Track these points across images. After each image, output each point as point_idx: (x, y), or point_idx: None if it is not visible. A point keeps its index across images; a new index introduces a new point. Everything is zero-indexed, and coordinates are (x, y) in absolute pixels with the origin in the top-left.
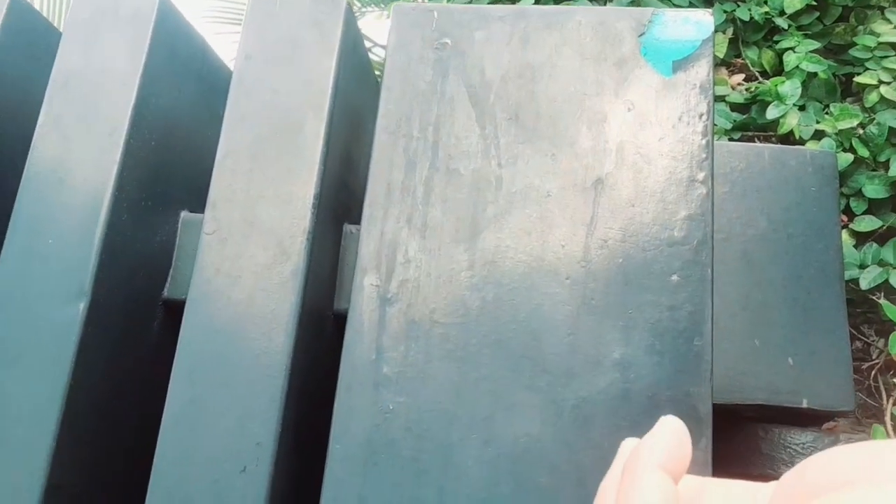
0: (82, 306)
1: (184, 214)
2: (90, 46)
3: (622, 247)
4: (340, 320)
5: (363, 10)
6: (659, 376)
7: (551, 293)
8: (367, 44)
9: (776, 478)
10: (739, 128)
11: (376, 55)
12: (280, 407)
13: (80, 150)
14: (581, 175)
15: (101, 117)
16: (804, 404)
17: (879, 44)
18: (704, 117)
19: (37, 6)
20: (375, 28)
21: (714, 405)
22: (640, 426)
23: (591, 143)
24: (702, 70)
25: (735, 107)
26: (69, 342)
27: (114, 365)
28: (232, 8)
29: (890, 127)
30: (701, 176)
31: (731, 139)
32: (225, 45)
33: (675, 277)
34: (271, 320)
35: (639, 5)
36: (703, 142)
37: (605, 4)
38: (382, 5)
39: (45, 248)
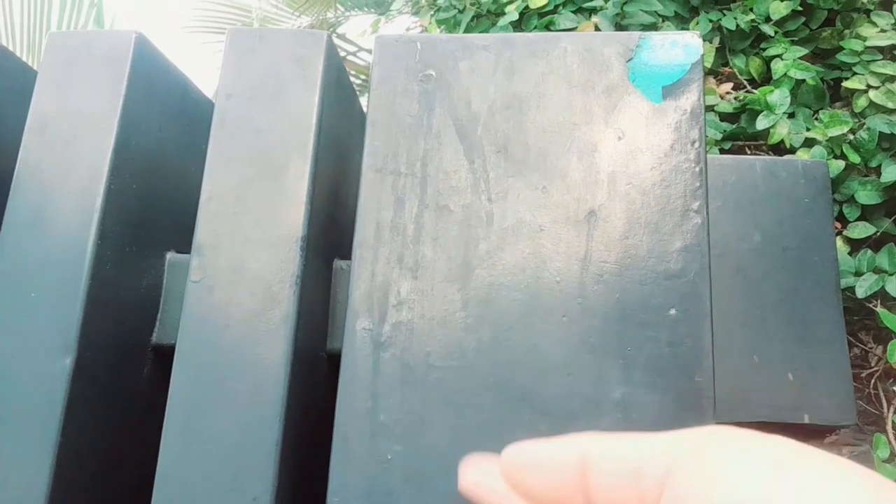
0: (69, 361)
1: (170, 256)
2: (66, 89)
3: (618, 281)
4: (334, 359)
5: (346, 13)
6: (661, 415)
7: (548, 332)
8: (352, 48)
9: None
10: (729, 138)
11: (362, 59)
12: (275, 459)
13: (60, 197)
14: (573, 208)
15: (80, 163)
16: (806, 419)
17: (867, 48)
18: (697, 144)
19: (12, 48)
20: (357, 27)
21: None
22: None
23: (582, 175)
24: (692, 95)
25: (724, 116)
26: (57, 399)
27: (104, 417)
28: (215, 17)
29: (880, 132)
30: (695, 205)
31: (721, 150)
32: (210, 55)
33: (673, 311)
34: (262, 369)
35: (624, 17)
36: (697, 169)
37: (590, 17)
38: (366, 9)
39: (27, 302)
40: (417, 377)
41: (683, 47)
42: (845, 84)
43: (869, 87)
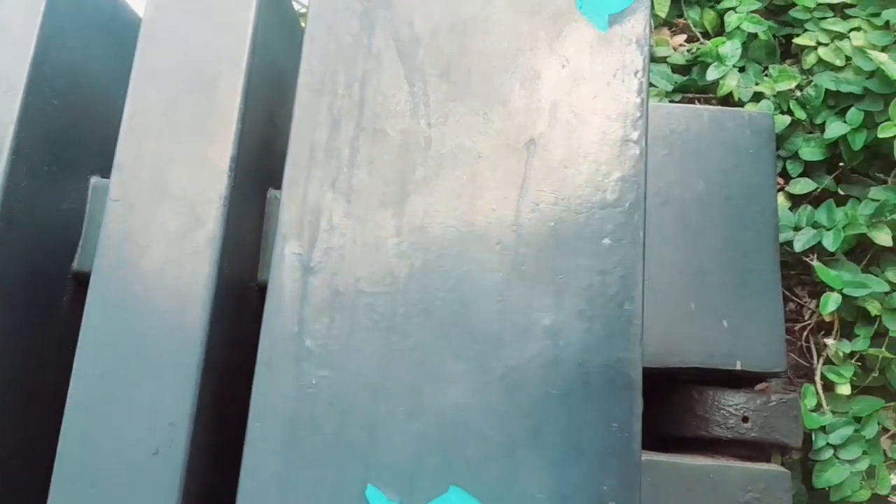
0: None
1: (94, 180)
2: None
3: (554, 210)
4: (266, 292)
5: None
6: (589, 342)
7: (481, 259)
8: None
9: (710, 439)
10: (680, 90)
11: (299, 2)
12: (195, 384)
13: None
14: (513, 135)
15: None
16: (738, 366)
17: (818, 4)
18: (640, 74)
19: None
20: None
21: (650, 369)
22: (570, 394)
23: (524, 102)
24: (638, 24)
25: (676, 68)
26: None
27: (20, 341)
28: None
29: (827, 89)
30: (635, 136)
31: (671, 101)
32: None
33: (606, 241)
34: (185, 292)
35: None
36: (638, 100)
37: None
38: None
39: None
40: (346, 303)
41: None
42: (796, 40)
43: (819, 43)
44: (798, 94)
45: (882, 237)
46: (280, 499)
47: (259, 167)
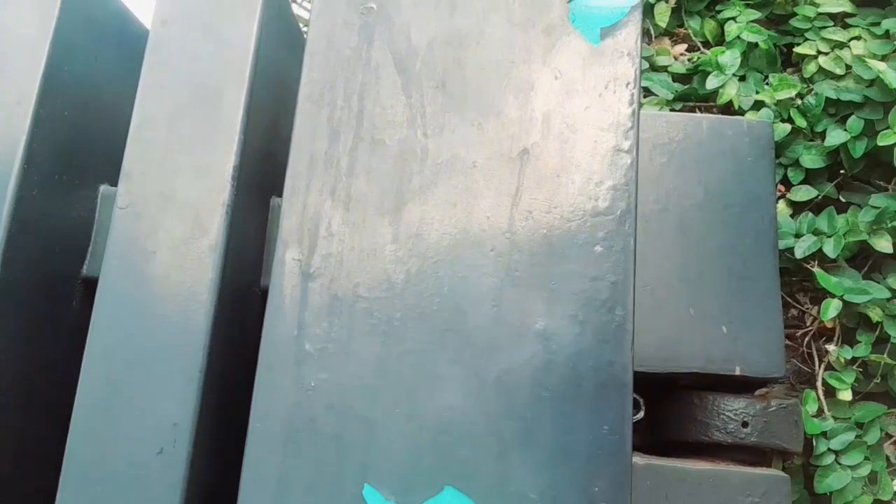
0: None
1: (103, 188)
2: None
3: (547, 218)
4: (267, 297)
5: None
6: (581, 346)
7: (476, 265)
8: None
9: (710, 444)
10: (681, 98)
11: (305, 8)
12: (198, 386)
13: None
14: (507, 145)
15: (7, 86)
16: (737, 372)
17: (819, 14)
18: (631, 85)
19: None
20: None
21: (649, 374)
22: (562, 397)
23: (517, 113)
24: (629, 37)
25: (677, 77)
26: None
27: (31, 344)
28: None
29: (827, 97)
30: (626, 145)
31: (672, 110)
32: None
33: (598, 248)
34: (188, 297)
35: None
36: (629, 111)
37: None
38: None
39: None
40: (345, 307)
41: None
42: (796, 49)
43: (819, 52)
44: (798, 102)
45: (883, 244)
46: (280, 496)
47: (261, 176)
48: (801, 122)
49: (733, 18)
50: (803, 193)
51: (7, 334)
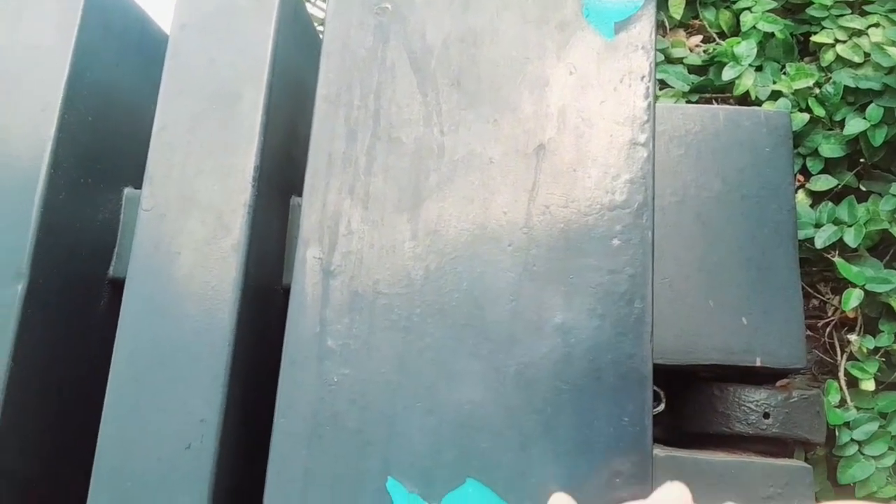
0: (21, 287)
1: (127, 191)
2: (17, 21)
3: (564, 212)
4: (290, 294)
5: None
6: (600, 339)
7: (494, 260)
8: None
9: (732, 435)
10: (697, 90)
11: (320, 7)
12: (224, 383)
13: (11, 128)
14: (523, 141)
15: (32, 94)
16: (758, 363)
17: (836, 2)
18: (646, 79)
19: None
20: None
21: (670, 366)
22: (582, 389)
23: (532, 108)
24: (644, 30)
25: (693, 69)
26: (9, 324)
27: (58, 345)
28: None
29: (845, 86)
30: (642, 138)
31: (688, 101)
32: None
33: (616, 241)
34: (213, 296)
35: None
36: (645, 104)
37: None
38: None
39: None
40: (365, 304)
41: None
42: (813, 38)
43: (836, 41)
44: (816, 91)
45: None
46: (306, 490)
47: (281, 176)
48: (819, 112)
49: (748, 9)
50: (823, 183)
51: (36, 335)
